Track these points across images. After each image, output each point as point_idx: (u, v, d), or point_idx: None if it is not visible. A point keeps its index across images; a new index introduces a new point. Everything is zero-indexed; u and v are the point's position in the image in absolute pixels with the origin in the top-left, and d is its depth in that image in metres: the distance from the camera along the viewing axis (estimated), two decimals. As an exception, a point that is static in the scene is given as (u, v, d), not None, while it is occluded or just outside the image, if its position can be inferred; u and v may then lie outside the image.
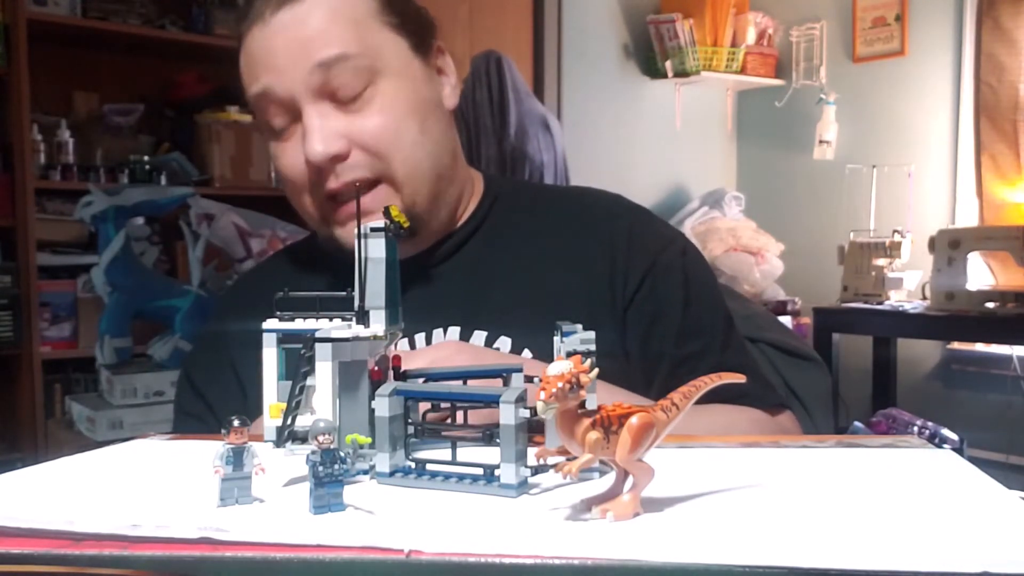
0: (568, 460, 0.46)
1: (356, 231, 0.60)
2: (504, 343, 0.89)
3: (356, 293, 0.59)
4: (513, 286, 0.94)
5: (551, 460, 0.49)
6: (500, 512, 0.47)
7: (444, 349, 0.81)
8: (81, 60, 2.93)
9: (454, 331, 0.90)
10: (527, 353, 0.88)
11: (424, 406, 0.60)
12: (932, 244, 2.96)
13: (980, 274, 2.96)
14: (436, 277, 0.96)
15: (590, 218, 0.99)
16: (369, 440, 0.54)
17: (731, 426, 0.86)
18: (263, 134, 0.97)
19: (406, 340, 0.90)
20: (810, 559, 0.38)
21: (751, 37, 4.10)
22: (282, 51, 0.87)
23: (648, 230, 1.00)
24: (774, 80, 4.22)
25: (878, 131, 3.94)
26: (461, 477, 0.53)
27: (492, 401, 0.52)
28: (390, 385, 0.55)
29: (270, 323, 0.63)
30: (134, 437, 0.72)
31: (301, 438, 0.58)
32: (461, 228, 0.99)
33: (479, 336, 0.90)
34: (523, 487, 0.51)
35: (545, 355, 0.87)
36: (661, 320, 0.94)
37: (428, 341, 0.90)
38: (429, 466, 0.55)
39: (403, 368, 0.62)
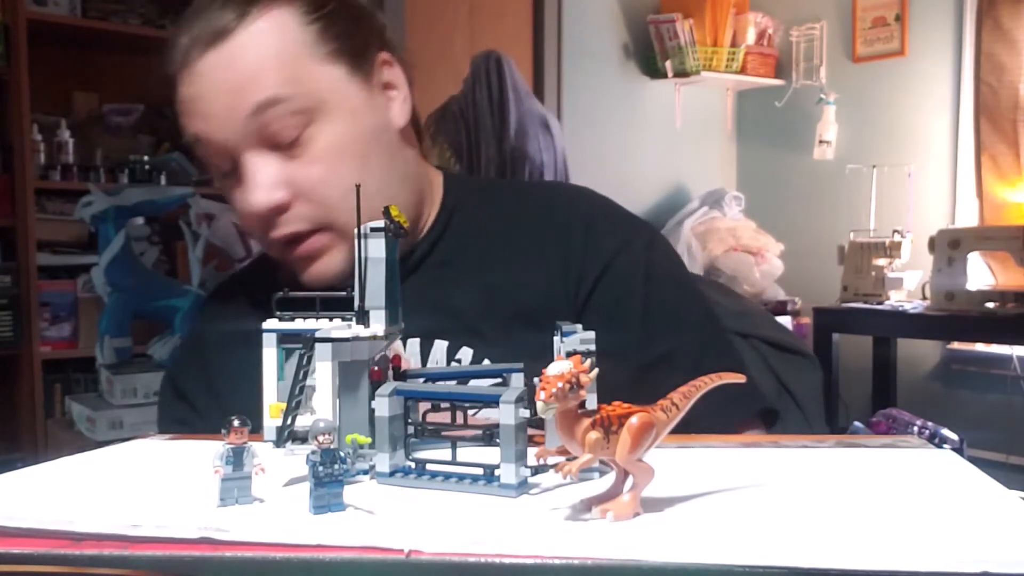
0: (568, 460, 0.46)
1: (356, 231, 0.60)
2: (466, 353, 0.87)
3: (356, 293, 0.59)
4: (474, 293, 0.90)
5: (551, 460, 0.49)
6: (500, 512, 0.47)
7: None
8: (81, 60, 2.93)
9: (414, 343, 0.87)
10: (486, 362, 0.85)
11: (424, 406, 0.60)
12: (932, 244, 2.96)
13: (980, 274, 2.96)
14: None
15: (547, 214, 0.95)
16: (369, 440, 0.54)
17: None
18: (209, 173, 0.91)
19: None
20: (810, 559, 0.38)
21: (751, 37, 4.10)
22: (213, 97, 0.84)
23: (608, 225, 0.95)
24: (774, 80, 4.22)
25: (878, 131, 3.94)
26: (461, 477, 0.53)
27: (492, 401, 0.52)
28: (390, 385, 0.55)
29: (270, 323, 0.63)
30: (134, 437, 0.72)
31: (301, 438, 0.58)
32: (422, 240, 0.95)
33: (440, 346, 0.87)
34: (523, 487, 0.51)
35: (505, 362, 0.86)
36: (622, 321, 0.89)
37: None
38: (429, 466, 0.55)
39: None
